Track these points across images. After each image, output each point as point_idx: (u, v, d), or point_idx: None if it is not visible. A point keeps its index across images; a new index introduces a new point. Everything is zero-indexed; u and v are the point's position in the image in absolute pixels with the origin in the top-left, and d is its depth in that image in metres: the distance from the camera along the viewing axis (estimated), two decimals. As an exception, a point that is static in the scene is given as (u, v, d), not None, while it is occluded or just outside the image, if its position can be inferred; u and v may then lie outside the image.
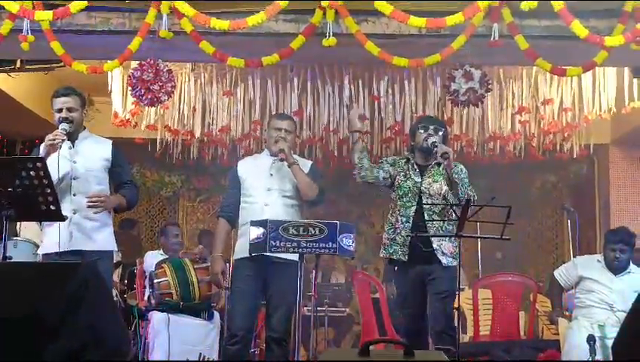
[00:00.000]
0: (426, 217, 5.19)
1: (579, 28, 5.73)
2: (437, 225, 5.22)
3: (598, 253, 7.17)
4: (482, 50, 5.99)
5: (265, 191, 5.40)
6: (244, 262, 5.31)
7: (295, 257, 4.83)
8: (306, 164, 5.59)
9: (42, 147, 5.15)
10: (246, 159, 5.92)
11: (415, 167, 5.41)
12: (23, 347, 2.53)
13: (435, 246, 5.21)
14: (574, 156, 9.05)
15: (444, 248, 5.23)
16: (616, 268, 6.13)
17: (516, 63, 7.70)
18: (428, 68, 7.56)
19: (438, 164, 5.31)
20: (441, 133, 5.41)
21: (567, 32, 5.81)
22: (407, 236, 5.22)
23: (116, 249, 5.44)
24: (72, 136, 5.14)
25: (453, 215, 4.97)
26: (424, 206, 5.24)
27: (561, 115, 8.55)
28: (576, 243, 7.65)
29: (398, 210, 5.34)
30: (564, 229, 10.16)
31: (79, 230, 5.06)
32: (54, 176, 4.79)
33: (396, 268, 5.40)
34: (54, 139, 4.94)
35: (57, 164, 4.92)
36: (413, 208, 5.27)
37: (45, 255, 5.18)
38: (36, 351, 2.51)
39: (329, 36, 5.81)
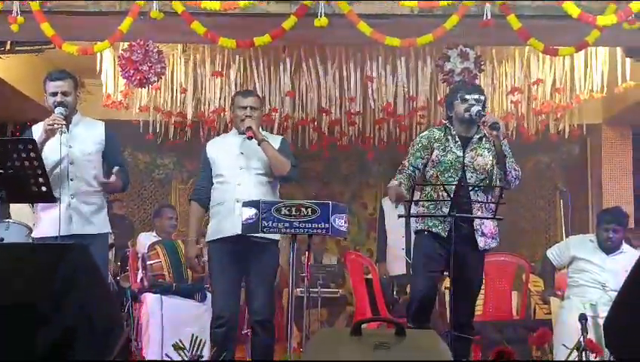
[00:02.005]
0: (471, 195, 4.88)
1: (571, 7, 5.73)
2: (480, 203, 4.90)
3: (590, 232, 7.19)
4: (474, 30, 5.98)
5: (237, 170, 5.28)
6: (219, 243, 5.25)
7: (273, 236, 4.81)
8: (275, 139, 5.45)
9: (35, 129, 5.14)
10: (215, 139, 5.78)
11: (456, 138, 5.02)
12: (13, 330, 2.52)
13: (475, 225, 4.91)
14: (567, 136, 9.05)
15: (485, 228, 4.95)
16: (609, 248, 6.15)
17: (508, 43, 7.68)
18: (420, 48, 7.52)
19: (479, 138, 5.02)
20: (481, 102, 5.03)
21: (559, 11, 5.82)
22: (448, 213, 4.80)
23: (111, 231, 5.44)
24: (66, 120, 5.08)
25: (497, 191, 4.86)
26: (469, 180, 4.91)
27: (554, 95, 8.55)
28: (569, 223, 7.66)
29: (440, 186, 4.90)
30: (556, 209, 10.17)
31: (78, 214, 5.05)
32: (51, 160, 4.83)
33: (426, 232, 5.00)
34: (53, 124, 4.91)
35: (59, 149, 4.90)
36: (455, 183, 4.90)
37: (41, 238, 5.14)
38: (28, 334, 2.50)
39: (321, 16, 5.80)
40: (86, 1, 6.04)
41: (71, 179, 5.05)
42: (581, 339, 5.12)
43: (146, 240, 7.35)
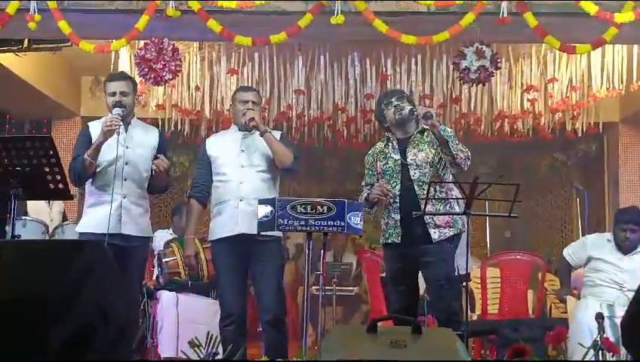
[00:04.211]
0: (416, 189, 4.97)
1: (588, 4, 5.70)
2: (431, 195, 4.87)
3: (607, 231, 7.15)
4: (491, 27, 5.96)
5: (239, 168, 5.25)
6: (223, 242, 5.24)
7: (276, 233, 4.84)
8: (275, 134, 5.41)
9: (92, 127, 5.21)
10: (214, 136, 5.77)
11: (395, 144, 5.13)
12: (28, 326, 2.52)
13: (427, 219, 4.94)
14: (583, 134, 9.02)
15: (437, 219, 4.97)
16: (627, 247, 6.10)
17: (525, 41, 7.66)
18: (436, 46, 7.50)
19: (421, 132, 5.09)
20: (406, 100, 5.12)
21: (576, 8, 5.79)
22: (398, 218, 4.99)
23: (152, 235, 5.53)
24: (123, 121, 5.15)
25: (450, 183, 4.92)
26: (412, 178, 4.99)
27: (570, 93, 8.51)
28: (585, 222, 7.62)
29: (388, 191, 5.03)
30: (573, 208, 10.13)
31: (127, 214, 5.09)
32: (106, 158, 4.98)
33: (385, 246, 5.17)
34: (111, 125, 4.95)
35: (116, 147, 4.98)
36: (398, 186, 5.03)
37: (87, 233, 5.15)
38: (41, 330, 2.51)
39: (337, 14, 5.80)
40: (102, 0, 6.06)
41: (124, 179, 5.10)
42: (598, 338, 5.10)
43: (161, 238, 7.36)
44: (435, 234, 4.98)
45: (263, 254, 5.18)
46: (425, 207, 4.82)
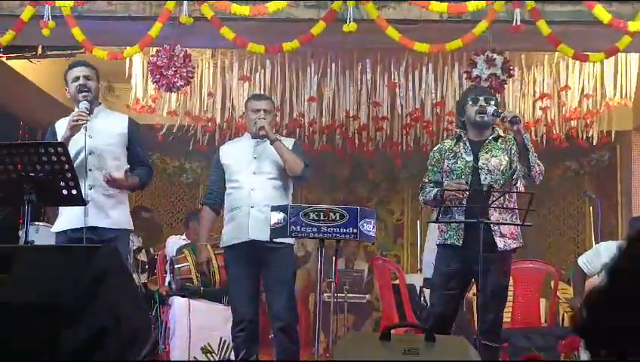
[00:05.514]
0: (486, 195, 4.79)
1: (602, 13, 5.69)
2: (498, 204, 4.81)
3: (620, 239, 7.12)
4: (504, 35, 5.96)
5: (250, 175, 5.27)
6: (235, 248, 5.26)
7: (289, 240, 4.83)
8: (288, 142, 5.43)
9: (58, 126, 5.15)
10: (227, 144, 5.79)
11: (467, 144, 4.98)
12: (40, 331, 2.53)
13: (492, 227, 4.82)
14: (596, 143, 8.98)
15: (503, 228, 4.87)
16: (640, 256, 6.07)
17: (538, 49, 7.64)
18: (447, 53, 7.50)
19: (495, 139, 4.97)
20: (493, 103, 4.97)
21: (589, 17, 5.78)
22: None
23: (132, 228, 5.34)
24: (90, 114, 5.01)
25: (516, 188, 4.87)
26: (483, 182, 4.85)
27: (583, 102, 8.49)
28: (598, 231, 7.59)
29: (452, 194, 4.86)
30: (586, 216, 10.10)
31: (95, 206, 4.96)
32: (71, 151, 4.74)
33: (444, 246, 5.02)
34: (78, 120, 4.89)
35: (80, 140, 4.89)
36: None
37: (60, 232, 5.11)
38: (54, 335, 2.52)
39: (349, 22, 5.81)
40: (116, 6, 6.09)
41: (89, 170, 4.96)
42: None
43: (173, 244, 7.37)
44: (500, 243, 4.87)
45: (275, 261, 5.19)
46: (437, 215, 4.80)
